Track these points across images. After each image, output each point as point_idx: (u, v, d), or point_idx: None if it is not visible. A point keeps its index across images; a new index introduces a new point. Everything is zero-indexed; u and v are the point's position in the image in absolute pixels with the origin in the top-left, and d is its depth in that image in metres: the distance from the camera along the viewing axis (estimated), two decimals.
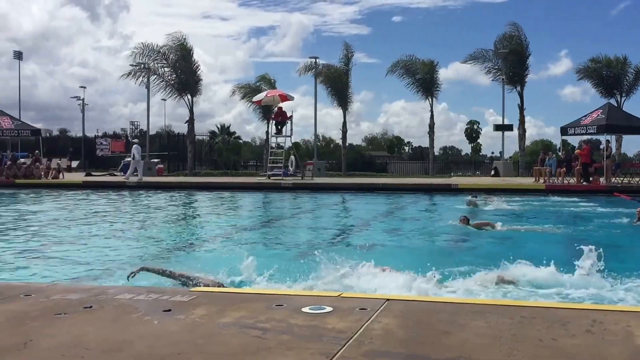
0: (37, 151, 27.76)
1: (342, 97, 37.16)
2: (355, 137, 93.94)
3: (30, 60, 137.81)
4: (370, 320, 2.97)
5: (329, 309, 3.16)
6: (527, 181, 24.19)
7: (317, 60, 35.57)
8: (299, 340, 2.66)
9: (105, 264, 6.41)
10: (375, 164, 47.79)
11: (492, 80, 36.45)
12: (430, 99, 37.73)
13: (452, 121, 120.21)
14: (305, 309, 3.15)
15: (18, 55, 57.74)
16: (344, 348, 2.55)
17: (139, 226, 12.19)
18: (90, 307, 3.29)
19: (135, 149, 25.59)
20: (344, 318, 3.00)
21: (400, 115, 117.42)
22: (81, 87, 55.83)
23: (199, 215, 15.58)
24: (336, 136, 55.96)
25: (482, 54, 36.04)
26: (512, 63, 34.94)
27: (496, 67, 35.65)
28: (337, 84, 36.63)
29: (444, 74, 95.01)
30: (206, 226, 12.51)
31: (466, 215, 10.79)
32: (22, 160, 27.47)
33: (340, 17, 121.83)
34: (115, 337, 2.75)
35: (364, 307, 3.19)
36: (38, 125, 33.16)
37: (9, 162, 26.05)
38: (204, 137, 45.07)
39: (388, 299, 3.41)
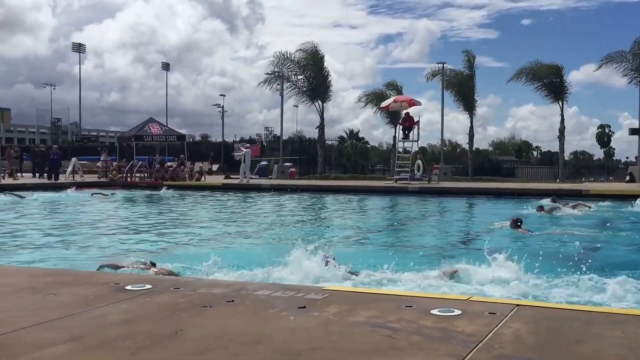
0: (182, 155, 29.85)
1: (468, 101, 36.25)
2: (482, 142, 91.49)
3: (176, 71, 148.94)
4: (499, 325, 2.94)
5: (457, 311, 3.18)
6: None
7: (445, 65, 34.95)
8: (428, 342, 2.71)
9: (243, 261, 6.81)
10: (502, 168, 46.07)
11: (629, 82, 33.83)
12: (560, 103, 35.77)
13: (584, 125, 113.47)
14: (434, 311, 3.19)
15: (165, 67, 62.74)
16: (474, 351, 2.56)
17: (273, 226, 12.78)
18: (233, 301, 3.51)
19: (246, 153, 26.89)
20: (473, 321, 3.00)
21: (529, 119, 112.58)
22: (221, 95, 59.19)
23: (328, 216, 15.98)
24: (462, 141, 54.73)
25: (618, 55, 33.51)
26: None
27: (633, 68, 33.02)
28: (463, 88, 35.81)
29: (575, 76, 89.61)
30: (334, 227, 12.82)
31: (517, 218, 10.55)
32: (169, 163, 29.67)
33: (468, 21, 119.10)
34: (256, 330, 2.94)
35: (493, 312, 3.17)
36: (183, 131, 35.73)
37: (157, 165, 28.26)
38: (334, 142, 45.91)
39: (518, 304, 3.36)
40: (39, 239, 10.27)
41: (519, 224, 10.36)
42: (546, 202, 15.24)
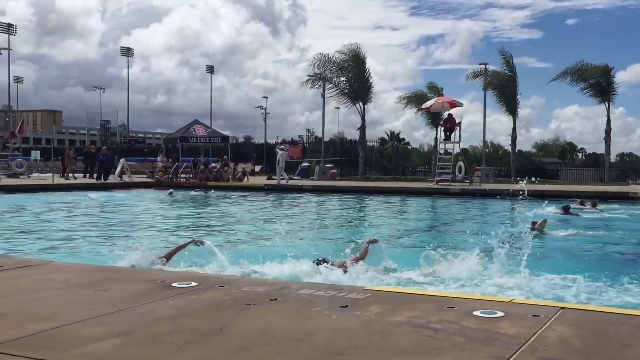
0: (225, 156, 30.23)
1: (510, 102, 35.64)
2: (525, 143, 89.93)
3: (220, 74, 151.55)
4: (543, 328, 2.92)
5: (500, 313, 3.16)
6: None
7: (487, 66, 34.42)
8: (471, 343, 2.70)
9: (287, 260, 6.89)
10: (545, 170, 44.87)
11: None
12: (606, 104, 34.75)
13: (631, 126, 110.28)
14: (477, 313, 3.18)
15: (210, 70, 63.65)
16: (517, 353, 2.55)
17: (314, 226, 12.88)
18: (276, 299, 3.57)
19: (280, 155, 27.12)
20: (516, 323, 2.98)
21: (573, 120, 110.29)
22: (263, 97, 59.89)
23: (367, 217, 15.98)
24: (505, 142, 53.81)
25: None
26: None
27: None
28: (505, 89, 35.21)
29: (622, 76, 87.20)
30: (372, 228, 12.82)
31: (535, 221, 10.84)
32: (213, 164, 30.09)
33: (511, 22, 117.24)
34: (298, 328, 2.98)
35: (537, 314, 3.14)
36: (226, 133, 36.14)
37: (202, 166, 28.71)
38: (375, 143, 45.78)
39: (562, 307, 3.31)
40: (95, 235, 10.68)
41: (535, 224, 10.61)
42: (574, 204, 15.26)
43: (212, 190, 22.92)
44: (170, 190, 21.94)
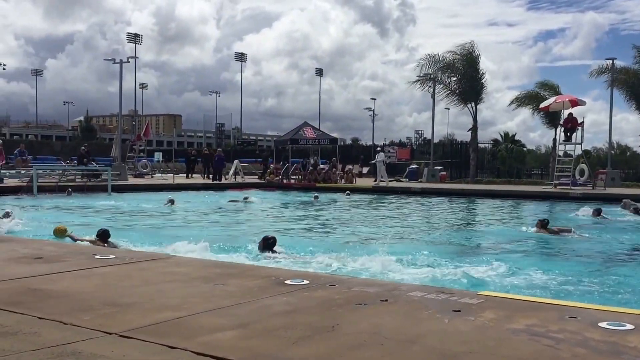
0: (334, 158, 30.61)
1: None
2: None
3: (328, 76, 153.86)
4: None
5: (629, 326, 2.97)
6: None
7: (614, 61, 32.17)
8: (595, 355, 2.57)
9: (392, 263, 6.88)
10: None
11: None
12: None
13: None
14: (602, 324, 3.01)
15: (319, 72, 64.78)
16: None
17: (419, 229, 12.75)
18: (386, 300, 3.57)
19: (379, 157, 27.33)
20: None
21: None
22: (371, 98, 59.99)
23: (473, 222, 15.54)
24: (633, 143, 50.15)
25: None
26: None
27: None
28: (635, 86, 32.69)
29: None
30: (479, 233, 12.47)
31: (542, 220, 10.88)
32: (321, 166, 30.55)
33: None
34: (409, 330, 2.96)
35: None
36: (334, 135, 36.58)
37: (311, 168, 29.26)
38: (487, 145, 44.30)
39: None
40: (227, 232, 11.36)
41: (542, 225, 10.75)
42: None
43: (348, 193, 23.21)
44: (316, 194, 22.41)
